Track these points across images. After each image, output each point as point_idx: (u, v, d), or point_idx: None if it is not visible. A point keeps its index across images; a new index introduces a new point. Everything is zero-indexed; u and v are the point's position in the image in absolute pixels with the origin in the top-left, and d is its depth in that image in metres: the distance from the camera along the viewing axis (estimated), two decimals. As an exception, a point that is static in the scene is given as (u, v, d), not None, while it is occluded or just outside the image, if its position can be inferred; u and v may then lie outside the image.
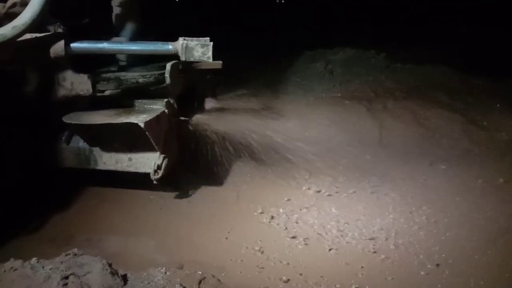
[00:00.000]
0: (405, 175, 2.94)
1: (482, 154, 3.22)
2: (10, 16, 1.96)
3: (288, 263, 2.16)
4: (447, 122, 3.55)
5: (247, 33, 5.54)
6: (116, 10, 2.62)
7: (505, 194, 2.67)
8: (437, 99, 3.90)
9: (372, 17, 6.10)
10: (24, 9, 1.93)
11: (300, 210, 2.61)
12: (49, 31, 2.34)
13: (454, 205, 2.58)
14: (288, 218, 2.53)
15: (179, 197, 2.70)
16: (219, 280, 1.94)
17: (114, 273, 1.77)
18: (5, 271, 1.71)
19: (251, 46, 5.14)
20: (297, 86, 4.37)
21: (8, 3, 2.02)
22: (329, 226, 2.45)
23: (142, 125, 2.19)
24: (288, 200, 2.72)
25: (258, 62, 4.77)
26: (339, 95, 4.08)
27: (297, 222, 2.49)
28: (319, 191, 2.80)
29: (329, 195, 2.76)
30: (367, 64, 4.55)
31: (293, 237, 2.36)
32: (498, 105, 3.75)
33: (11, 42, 1.90)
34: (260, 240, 2.34)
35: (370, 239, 2.32)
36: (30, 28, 1.91)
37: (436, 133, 3.42)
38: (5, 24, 1.95)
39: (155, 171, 2.41)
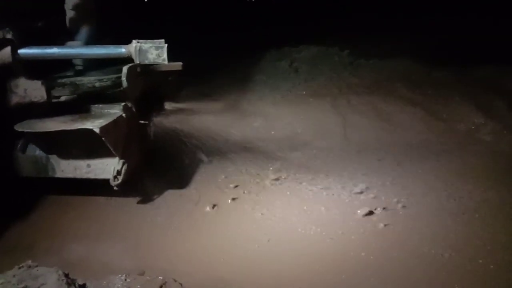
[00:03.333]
0: (367, 170, 2.99)
1: (442, 145, 3.31)
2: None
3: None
4: (408, 115, 3.64)
5: (212, 32, 5.51)
6: (70, 13, 2.57)
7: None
8: (399, 93, 3.99)
9: (336, 12, 6.15)
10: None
11: (264, 209, 2.61)
12: (-2, 36, 2.27)
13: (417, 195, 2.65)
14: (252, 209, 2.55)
15: (142, 202, 2.67)
16: (181, 284, 1.94)
17: (70, 283, 1.74)
18: (-48, 288, 1.65)
19: (216, 45, 5.11)
20: (263, 84, 4.39)
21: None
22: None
23: (97, 130, 2.15)
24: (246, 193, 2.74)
25: (224, 61, 4.75)
26: (304, 92, 4.13)
27: (261, 214, 2.52)
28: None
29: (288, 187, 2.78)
30: (331, 61, 4.61)
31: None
32: (457, 98, 3.85)
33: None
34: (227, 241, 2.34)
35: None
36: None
37: (397, 126, 3.50)
38: None
39: (115, 177, 2.38)
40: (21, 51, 2.13)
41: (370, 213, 2.46)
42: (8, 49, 2.06)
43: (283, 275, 2.05)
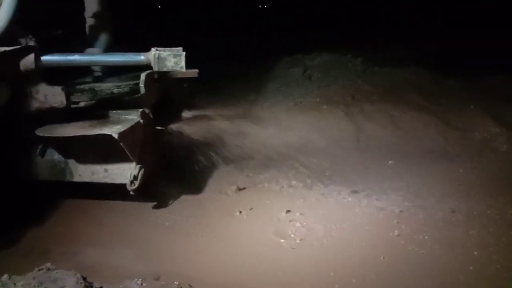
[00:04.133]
0: (381, 177, 2.98)
1: (457, 154, 3.29)
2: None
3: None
4: (422, 124, 3.62)
5: (227, 40, 5.57)
6: (89, 21, 2.62)
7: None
8: (413, 101, 3.98)
9: (349, 20, 6.19)
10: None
11: (281, 213, 2.60)
12: (20, 44, 2.32)
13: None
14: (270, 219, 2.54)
15: (157, 207, 2.69)
16: (196, 289, 1.94)
17: (88, 286, 1.76)
18: (-25, 289, 1.68)
19: (229, 52, 5.16)
20: (276, 91, 4.42)
21: (-25, 17, 2.00)
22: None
23: (116, 136, 2.19)
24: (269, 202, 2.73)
25: (237, 68, 4.79)
26: (318, 100, 4.14)
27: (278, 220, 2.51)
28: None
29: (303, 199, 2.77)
30: (345, 69, 4.62)
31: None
32: (471, 107, 3.82)
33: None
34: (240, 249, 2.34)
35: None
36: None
37: (411, 135, 3.48)
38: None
39: (132, 182, 2.40)
40: (44, 57, 2.18)
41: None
42: (31, 56, 2.11)
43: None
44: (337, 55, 4.83)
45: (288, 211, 2.57)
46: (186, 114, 3.35)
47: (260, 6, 8.46)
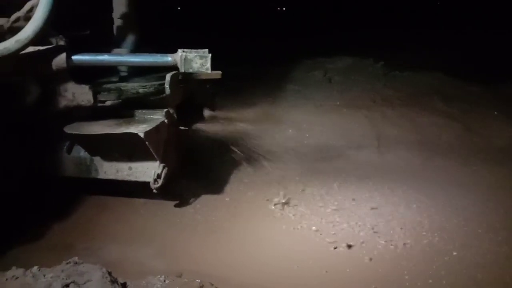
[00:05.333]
0: (402, 183, 2.96)
1: (480, 160, 3.25)
2: (13, 30, 2.01)
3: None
4: (444, 129, 3.59)
5: (247, 42, 5.61)
6: (117, 22, 2.67)
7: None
8: (434, 106, 3.96)
9: (370, 24, 6.17)
10: (27, 23, 1.98)
11: (304, 215, 2.61)
12: (51, 43, 2.39)
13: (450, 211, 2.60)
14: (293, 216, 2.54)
15: (179, 205, 2.72)
16: (217, 288, 1.97)
17: (113, 281, 1.79)
18: (6, 279, 1.74)
19: (250, 55, 5.19)
20: (296, 94, 4.43)
21: (12, 18, 2.06)
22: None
23: (142, 135, 2.23)
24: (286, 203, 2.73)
25: (258, 71, 4.82)
26: (338, 103, 4.14)
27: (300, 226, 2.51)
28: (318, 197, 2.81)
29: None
30: (366, 72, 4.62)
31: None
32: (493, 113, 3.78)
33: (14, 55, 1.94)
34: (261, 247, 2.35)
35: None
36: (33, 41, 1.96)
37: (433, 141, 3.45)
38: (9, 38, 1.99)
39: (155, 180, 2.44)
40: (75, 57, 2.23)
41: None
42: (63, 55, 2.18)
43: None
44: (358, 59, 4.83)
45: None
46: (207, 114, 3.40)
47: (279, 8, 8.49)
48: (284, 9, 8.50)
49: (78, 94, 2.48)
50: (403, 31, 5.86)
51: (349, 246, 2.30)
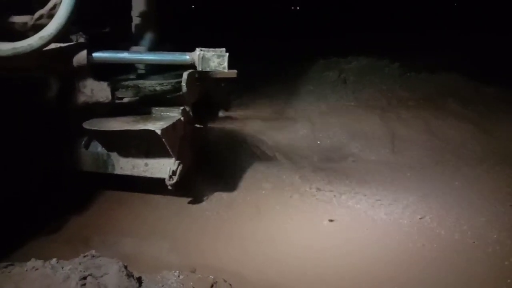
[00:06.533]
0: (415, 185, 2.94)
1: (495, 163, 3.22)
2: (37, 27, 2.06)
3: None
4: (459, 131, 3.56)
5: (262, 41, 5.61)
6: (136, 20, 2.71)
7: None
8: (450, 108, 3.93)
9: (386, 25, 6.13)
10: (50, 20, 2.02)
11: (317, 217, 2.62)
12: (71, 40, 2.44)
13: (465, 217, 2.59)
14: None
15: (192, 202, 2.76)
16: (230, 285, 1.99)
17: (129, 275, 1.83)
18: (26, 270, 1.78)
19: (264, 54, 5.20)
20: (310, 94, 4.43)
21: (36, 15, 2.11)
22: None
23: (159, 132, 2.26)
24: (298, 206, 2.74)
25: (272, 70, 4.83)
26: (352, 103, 4.13)
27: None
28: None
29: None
30: (381, 73, 4.59)
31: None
32: (509, 116, 3.73)
33: (38, 51, 1.99)
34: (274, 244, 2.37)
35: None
36: (56, 38, 2.01)
37: (448, 143, 3.42)
38: (32, 34, 2.04)
39: (170, 177, 2.47)
40: (95, 54, 2.28)
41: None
42: (84, 52, 2.22)
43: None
44: (374, 59, 4.80)
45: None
46: (222, 113, 3.42)
47: (293, 7, 8.48)
48: (298, 8, 8.49)
49: (97, 90, 2.52)
50: (419, 32, 5.81)
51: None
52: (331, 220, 2.54)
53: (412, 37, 5.70)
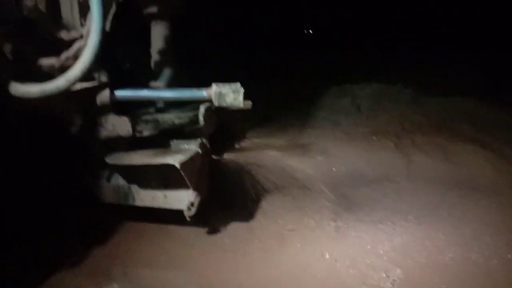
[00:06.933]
0: (431, 212, 2.93)
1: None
2: (63, 69, 2.18)
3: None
4: (476, 157, 3.53)
5: (271, 67, 5.70)
6: (155, 56, 2.83)
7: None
8: (465, 132, 3.90)
9: (399, 46, 6.18)
10: (75, 62, 2.14)
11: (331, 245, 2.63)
12: (93, 77, 2.56)
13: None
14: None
15: (210, 232, 2.80)
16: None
17: (150, 308, 1.87)
18: (52, 304, 1.84)
19: (275, 81, 5.29)
20: (324, 121, 4.46)
21: (62, 57, 2.24)
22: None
23: (178, 165, 2.33)
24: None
25: (286, 98, 4.90)
26: (367, 130, 4.14)
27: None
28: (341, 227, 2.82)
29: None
30: (394, 98, 4.61)
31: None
32: (530, 140, 3.69)
33: (64, 92, 2.10)
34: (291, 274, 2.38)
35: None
36: (80, 79, 2.12)
37: (465, 169, 3.40)
38: (57, 75, 2.16)
39: (189, 208, 2.53)
40: (117, 93, 2.38)
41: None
42: (107, 92, 2.33)
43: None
44: (386, 85, 4.83)
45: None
46: (237, 143, 3.49)
47: (305, 31, 8.61)
48: (311, 31, 8.62)
49: (118, 125, 2.62)
50: (431, 52, 5.83)
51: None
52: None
53: (424, 56, 5.71)
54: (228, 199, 2.97)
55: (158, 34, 2.84)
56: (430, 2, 6.81)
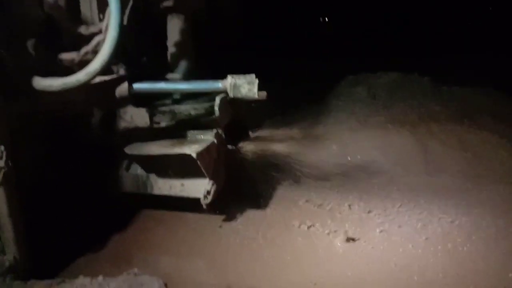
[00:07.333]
0: (449, 202, 2.93)
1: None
2: (83, 63, 2.26)
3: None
4: (494, 148, 3.49)
5: (288, 57, 5.69)
6: (171, 49, 2.89)
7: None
8: (483, 123, 3.85)
9: (417, 40, 6.09)
10: (94, 56, 2.22)
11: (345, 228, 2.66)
12: (112, 71, 2.64)
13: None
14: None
15: (226, 220, 2.86)
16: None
17: (169, 292, 1.96)
18: (76, 287, 1.94)
19: (290, 71, 5.27)
20: (339, 110, 4.45)
21: (82, 52, 2.32)
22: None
23: (194, 155, 2.40)
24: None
25: (301, 87, 4.90)
26: (382, 119, 4.12)
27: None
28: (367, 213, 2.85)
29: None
30: (411, 88, 4.56)
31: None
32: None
33: (84, 85, 2.18)
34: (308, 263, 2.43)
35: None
36: (100, 73, 2.19)
37: (482, 159, 3.37)
38: (78, 69, 2.24)
39: (205, 196, 2.60)
40: (135, 85, 2.46)
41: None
42: (125, 85, 2.41)
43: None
44: (403, 74, 4.78)
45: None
46: (252, 133, 3.54)
47: (321, 18, 8.52)
48: (326, 19, 8.52)
49: (136, 116, 2.71)
50: (450, 43, 5.73)
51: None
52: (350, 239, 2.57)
53: (443, 48, 5.62)
54: (243, 187, 3.03)
55: (174, 27, 2.90)
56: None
